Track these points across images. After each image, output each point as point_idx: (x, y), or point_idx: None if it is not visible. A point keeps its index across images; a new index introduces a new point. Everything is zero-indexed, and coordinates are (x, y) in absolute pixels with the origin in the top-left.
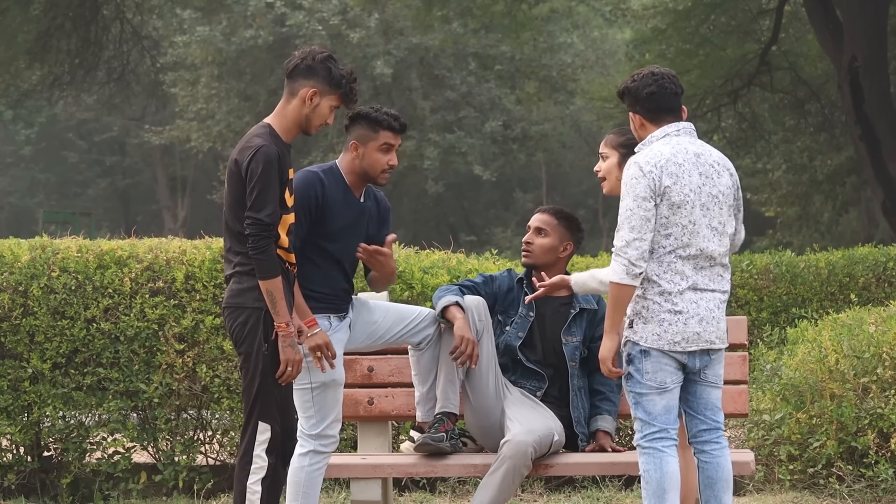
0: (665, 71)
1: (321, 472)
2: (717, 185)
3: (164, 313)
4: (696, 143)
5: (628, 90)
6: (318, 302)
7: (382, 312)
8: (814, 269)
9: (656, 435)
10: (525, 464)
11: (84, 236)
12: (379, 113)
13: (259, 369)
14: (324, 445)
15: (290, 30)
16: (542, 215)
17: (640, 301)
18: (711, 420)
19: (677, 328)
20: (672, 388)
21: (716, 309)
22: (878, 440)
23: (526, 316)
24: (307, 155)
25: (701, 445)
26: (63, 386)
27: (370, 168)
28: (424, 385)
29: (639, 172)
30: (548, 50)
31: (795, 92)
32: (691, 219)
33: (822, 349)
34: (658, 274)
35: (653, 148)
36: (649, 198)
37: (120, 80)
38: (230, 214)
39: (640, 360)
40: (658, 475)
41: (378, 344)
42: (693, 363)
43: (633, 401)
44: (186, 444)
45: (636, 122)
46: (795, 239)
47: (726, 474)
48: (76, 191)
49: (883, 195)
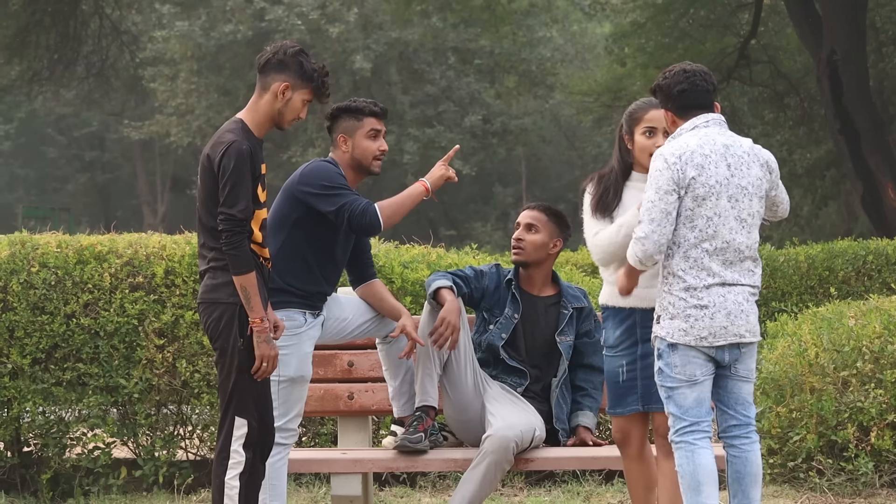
0: (697, 67)
1: (284, 463)
2: (746, 177)
3: (143, 308)
4: (726, 134)
5: (660, 88)
6: (297, 297)
7: (352, 307)
8: (793, 263)
9: (688, 429)
10: (507, 458)
11: (64, 231)
12: (358, 102)
13: (234, 365)
14: (285, 438)
15: (270, 24)
16: (532, 212)
17: (666, 296)
18: (742, 415)
19: (704, 323)
20: (702, 380)
21: (744, 302)
22: (858, 434)
23: (511, 317)
24: (286, 150)
25: (731, 440)
26: (43, 381)
27: (362, 157)
28: (396, 379)
29: (663, 164)
30: (527, 44)
31: (775, 86)
32: (717, 210)
33: (802, 343)
34: (683, 269)
35: (680, 140)
36: (672, 191)
37: (99, 75)
38: (203, 210)
39: (668, 353)
40: (691, 468)
41: (347, 337)
42: (722, 357)
43: (664, 395)
44: (166, 440)
45: (668, 118)
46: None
47: (755, 469)
48: (55, 186)
49: (862, 189)
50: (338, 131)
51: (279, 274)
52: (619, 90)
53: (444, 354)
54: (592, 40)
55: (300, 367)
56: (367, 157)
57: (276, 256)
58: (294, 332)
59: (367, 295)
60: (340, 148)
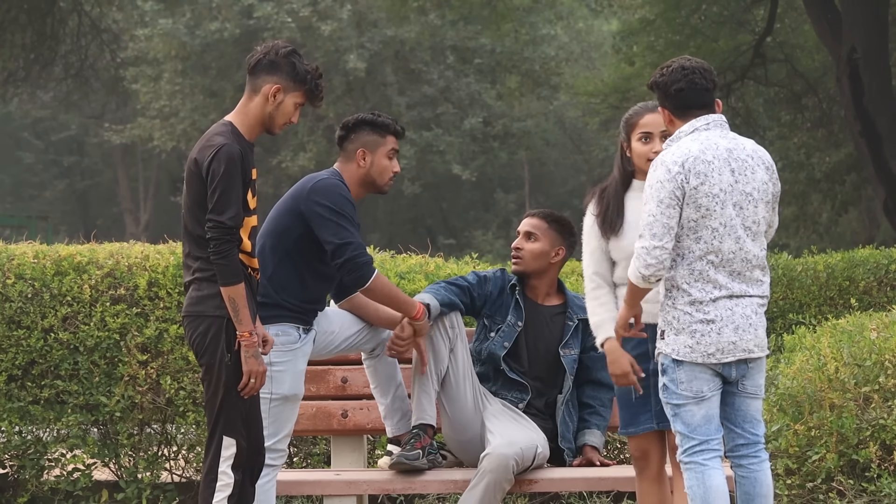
0: (696, 64)
1: (273, 485)
2: (751, 182)
3: (125, 322)
4: (728, 136)
5: (657, 85)
6: (291, 311)
7: (338, 320)
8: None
9: (696, 448)
10: (506, 478)
11: (41, 241)
12: (383, 118)
13: (222, 381)
14: (273, 459)
15: (258, 22)
16: (532, 219)
17: (671, 311)
18: (750, 433)
19: (711, 339)
20: (710, 396)
21: (753, 315)
22: (881, 453)
23: (514, 325)
24: (276, 154)
25: (739, 460)
26: (19, 399)
27: (379, 176)
28: (387, 396)
29: (665, 175)
30: (530, 42)
31: (792, 85)
32: (723, 220)
33: (821, 357)
34: (688, 282)
35: (680, 145)
36: (674, 204)
37: (78, 75)
38: (189, 217)
39: (673, 369)
40: (702, 490)
41: (334, 352)
42: (730, 373)
43: (671, 413)
44: (150, 461)
45: (665, 117)
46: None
47: (766, 490)
48: (32, 193)
49: (884, 194)
50: (358, 144)
51: (275, 288)
52: (628, 90)
53: (441, 370)
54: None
55: (294, 385)
56: (383, 177)
57: (273, 271)
58: (289, 347)
59: (354, 308)
60: (357, 162)
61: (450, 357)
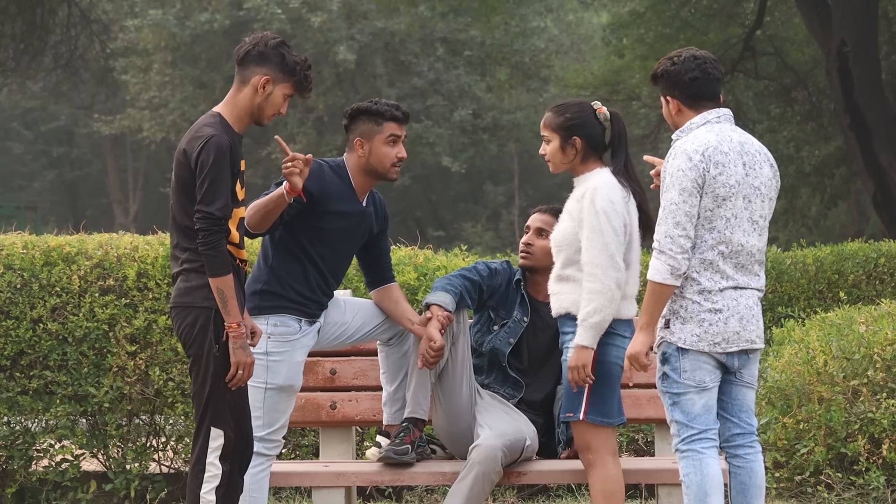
0: (706, 54)
1: (266, 475)
2: (759, 177)
3: (114, 313)
4: (738, 130)
5: (668, 73)
6: (292, 303)
7: (353, 311)
8: (801, 266)
9: (695, 437)
10: (495, 469)
11: (30, 232)
12: (379, 104)
13: (210, 372)
14: (268, 448)
15: (248, 13)
16: (543, 215)
17: (678, 300)
18: (746, 424)
19: (717, 328)
20: (711, 386)
21: (754, 306)
22: (869, 446)
23: (520, 321)
24: (265, 146)
25: (734, 450)
26: (8, 390)
27: (379, 164)
28: (392, 384)
29: (686, 164)
30: (520, 34)
31: (781, 79)
32: (734, 212)
33: (810, 350)
34: (698, 271)
35: (697, 135)
36: (695, 192)
37: (67, 66)
38: (178, 208)
39: (676, 358)
40: (699, 478)
41: (348, 342)
42: (731, 363)
43: (669, 402)
44: (139, 451)
45: (672, 107)
46: (781, 234)
47: (759, 480)
48: (21, 183)
49: (874, 187)
50: (355, 133)
51: (276, 277)
52: (617, 83)
53: (440, 363)
54: (589, 30)
55: (290, 376)
56: (384, 164)
57: (273, 257)
58: (287, 338)
59: (383, 299)
60: (356, 151)
61: (450, 350)
